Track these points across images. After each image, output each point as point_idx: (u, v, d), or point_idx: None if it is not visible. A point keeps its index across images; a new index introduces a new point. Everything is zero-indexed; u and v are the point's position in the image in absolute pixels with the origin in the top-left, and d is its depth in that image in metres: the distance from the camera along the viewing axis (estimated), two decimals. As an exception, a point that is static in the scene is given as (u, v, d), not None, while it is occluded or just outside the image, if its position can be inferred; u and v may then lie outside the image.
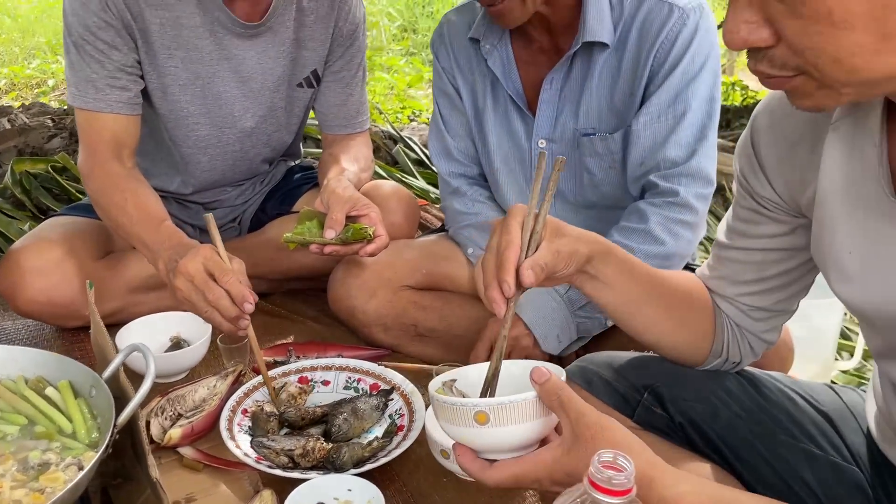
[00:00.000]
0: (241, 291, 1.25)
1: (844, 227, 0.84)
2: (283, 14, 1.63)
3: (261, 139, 1.73)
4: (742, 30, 0.66)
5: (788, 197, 0.94)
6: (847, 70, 0.64)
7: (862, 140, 0.80)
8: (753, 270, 1.02)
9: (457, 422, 0.81)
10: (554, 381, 0.78)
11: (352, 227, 1.43)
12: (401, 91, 4.00)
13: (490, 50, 1.48)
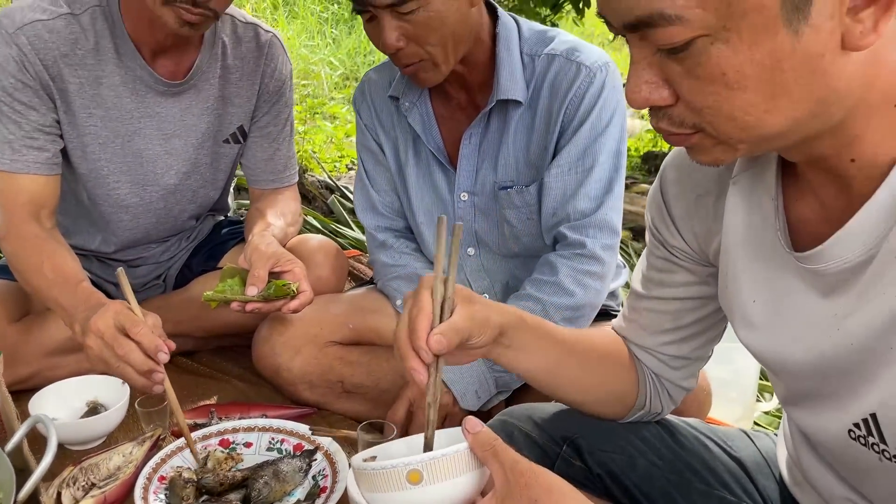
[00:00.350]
0: (152, 341, 1.22)
1: (748, 277, 0.87)
2: (207, 72, 1.63)
3: (185, 196, 1.71)
4: (643, 89, 0.69)
5: (697, 247, 0.97)
6: (741, 127, 0.67)
7: (760, 193, 0.84)
8: (670, 319, 1.04)
9: (386, 487, 0.77)
10: (486, 431, 0.77)
11: (274, 283, 1.41)
12: (339, 140, 4.01)
13: (409, 107, 1.51)
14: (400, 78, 1.51)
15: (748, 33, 0.61)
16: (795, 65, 0.62)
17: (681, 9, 0.61)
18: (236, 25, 1.67)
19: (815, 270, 0.77)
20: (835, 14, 0.61)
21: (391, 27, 1.33)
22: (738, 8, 0.60)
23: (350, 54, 5.95)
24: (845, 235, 0.73)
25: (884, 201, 0.70)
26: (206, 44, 1.62)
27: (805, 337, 0.81)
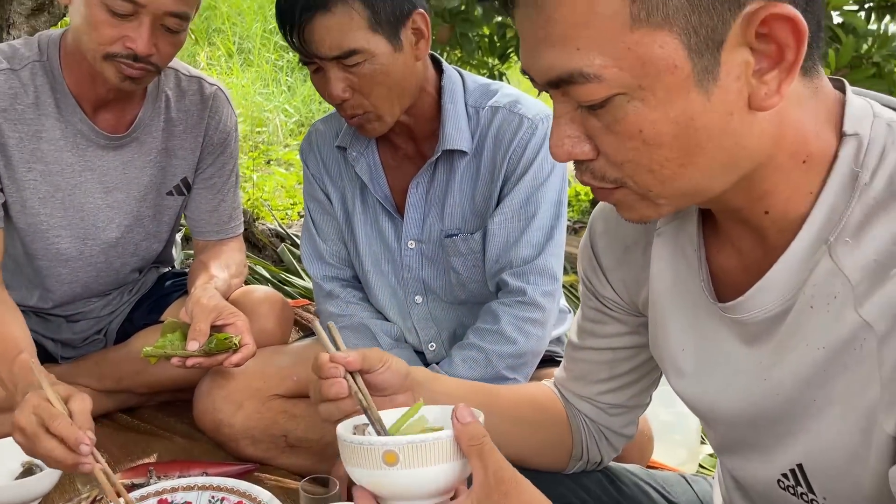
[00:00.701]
0: (72, 434, 1.13)
1: (676, 326, 0.88)
2: (150, 125, 1.63)
3: (127, 249, 1.69)
4: (565, 143, 0.71)
5: (627, 297, 0.99)
6: (660, 181, 0.70)
7: (684, 244, 0.86)
8: (606, 369, 1.06)
9: (363, 463, 0.75)
10: (476, 425, 0.73)
11: (216, 337, 1.40)
12: (291, 187, 4.01)
13: (357, 157, 1.53)
14: (347, 128, 1.53)
15: (662, 92, 0.64)
16: (707, 123, 0.65)
17: (599, 68, 0.64)
18: (180, 79, 1.68)
19: (739, 320, 0.79)
20: (741, 76, 0.65)
21: (337, 79, 1.35)
22: (652, 68, 0.64)
23: (305, 101, 5.97)
24: (764, 286, 0.75)
25: (798, 253, 0.72)
26: (149, 97, 1.63)
27: (733, 386, 0.83)
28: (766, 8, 0.62)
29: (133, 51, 1.39)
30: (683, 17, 0.62)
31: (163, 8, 1.38)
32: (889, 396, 0.67)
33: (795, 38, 0.63)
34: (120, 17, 1.37)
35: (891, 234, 0.68)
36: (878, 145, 0.70)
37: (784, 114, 0.68)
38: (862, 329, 0.69)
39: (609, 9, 0.63)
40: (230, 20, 6.93)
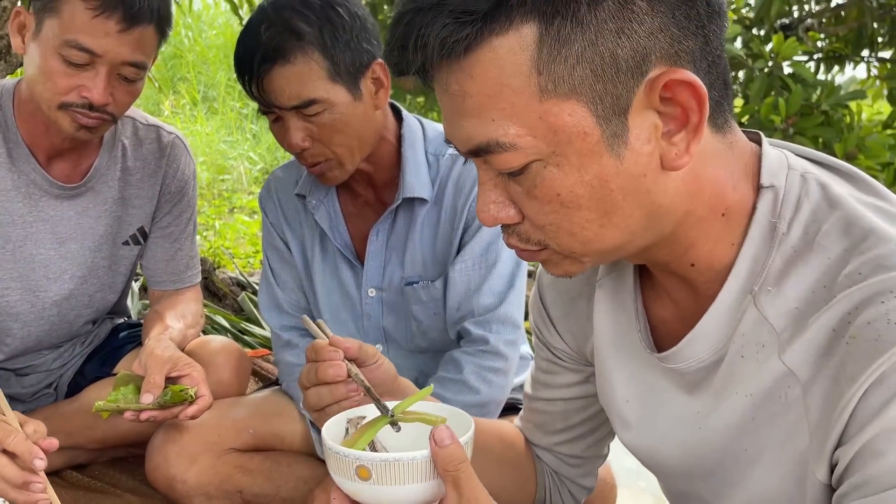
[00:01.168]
0: (26, 448, 1.13)
1: (619, 377, 0.89)
2: (106, 174, 1.61)
3: (81, 301, 1.65)
4: (491, 209, 0.73)
5: (575, 347, 0.99)
6: (581, 242, 0.71)
7: (622, 295, 0.87)
8: (560, 419, 1.05)
9: (338, 471, 0.74)
10: (453, 450, 0.71)
11: (171, 389, 1.36)
12: (253, 235, 3.99)
13: (317, 205, 1.52)
14: (307, 176, 1.53)
15: (575, 158, 0.67)
16: (622, 184, 0.68)
17: (513, 137, 0.67)
18: (137, 127, 1.67)
19: (676, 370, 0.80)
20: (651, 138, 0.67)
21: (297, 128, 1.35)
22: (563, 136, 0.66)
23: (270, 149, 5.98)
24: (696, 336, 0.77)
25: (725, 303, 0.74)
26: (106, 146, 1.61)
27: (673, 435, 0.83)
28: (667, 74, 0.65)
29: (88, 100, 1.38)
30: (589, 87, 0.65)
31: (120, 58, 1.38)
32: (818, 444, 0.68)
33: (697, 102, 0.66)
34: (76, 66, 1.36)
35: (810, 283, 0.69)
36: (793, 196, 0.72)
37: (699, 170, 0.71)
38: (786, 377, 0.70)
39: (517, 81, 0.65)
40: (195, 69, 6.95)
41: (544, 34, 0.63)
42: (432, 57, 0.66)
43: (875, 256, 0.66)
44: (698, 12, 0.66)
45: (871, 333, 0.63)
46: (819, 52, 3.29)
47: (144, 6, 1.38)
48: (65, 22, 1.35)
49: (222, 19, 7.40)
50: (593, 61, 0.64)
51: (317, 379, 0.90)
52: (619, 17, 0.63)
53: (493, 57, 0.65)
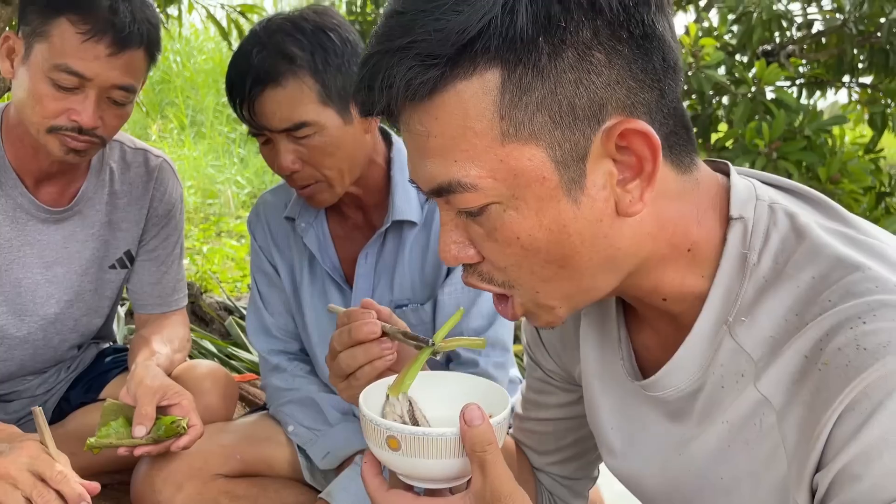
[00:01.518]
0: (74, 490, 1.12)
1: (604, 404, 0.90)
2: (93, 197, 1.61)
3: (67, 325, 1.64)
4: (452, 249, 0.75)
5: (565, 369, 1.00)
6: (542, 282, 0.73)
7: (606, 324, 0.89)
8: (552, 440, 1.06)
9: (372, 439, 0.75)
10: (482, 431, 0.72)
11: (163, 422, 1.34)
12: (241, 259, 3.97)
13: (306, 228, 1.52)
14: (296, 199, 1.53)
15: (534, 201, 0.68)
16: (579, 229, 0.69)
17: (475, 178, 0.68)
18: (125, 151, 1.67)
19: (657, 397, 0.81)
20: (607, 185, 0.69)
21: (287, 150, 1.36)
22: (523, 179, 0.68)
23: (257, 173, 5.98)
24: (675, 365, 0.78)
25: (702, 333, 0.75)
26: (93, 170, 1.61)
27: (655, 462, 0.83)
28: (622, 123, 0.66)
29: (78, 123, 1.38)
30: (548, 133, 0.66)
31: (109, 81, 1.38)
32: (797, 470, 0.68)
33: (650, 151, 0.67)
34: (65, 90, 1.37)
35: (782, 311, 0.71)
36: (761, 227, 0.74)
37: (661, 211, 0.72)
38: (760, 404, 0.71)
39: (480, 125, 0.67)
40: (184, 93, 6.97)
41: (507, 81, 0.65)
42: (397, 98, 0.68)
43: (843, 284, 0.67)
44: (654, 67, 0.68)
45: (841, 359, 0.64)
46: (801, 78, 3.35)
47: (134, 30, 1.38)
48: (54, 46, 1.35)
49: (211, 45, 7.44)
50: (552, 109, 0.66)
51: (350, 340, 0.90)
52: (577, 69, 0.65)
53: (458, 100, 0.67)
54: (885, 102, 3.10)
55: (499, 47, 0.64)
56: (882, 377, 0.62)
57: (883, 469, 0.61)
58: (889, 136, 3.19)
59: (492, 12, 0.63)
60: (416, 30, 0.65)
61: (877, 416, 0.62)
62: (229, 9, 2.98)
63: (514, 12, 0.63)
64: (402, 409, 0.82)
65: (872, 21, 2.84)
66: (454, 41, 0.64)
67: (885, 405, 0.61)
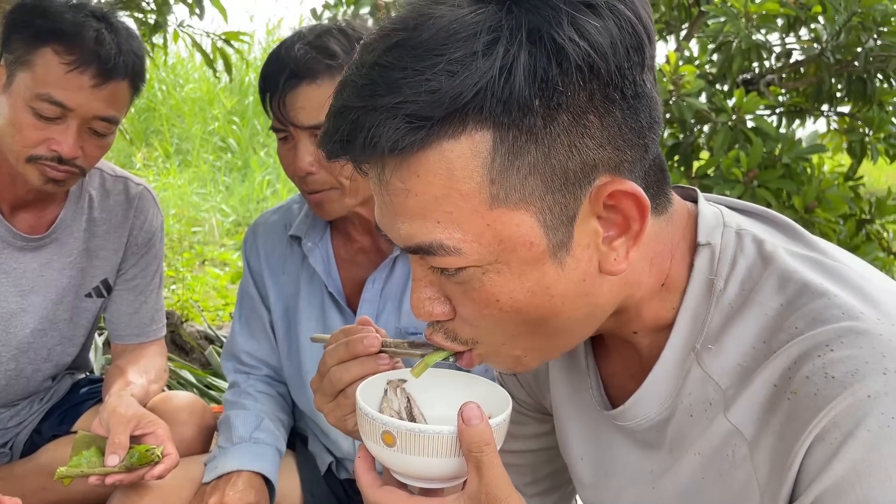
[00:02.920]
0: None
1: (574, 434, 0.89)
2: (71, 225, 1.59)
3: (40, 354, 1.61)
4: (426, 305, 0.73)
5: (537, 400, 0.99)
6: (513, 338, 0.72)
7: (574, 354, 0.88)
8: (528, 472, 1.04)
9: (367, 434, 0.73)
10: (480, 430, 0.69)
11: (137, 450, 1.31)
12: (223, 287, 3.94)
13: (312, 248, 1.51)
14: (303, 218, 1.52)
15: (518, 265, 0.67)
16: (562, 290, 0.68)
17: (458, 241, 0.66)
18: (105, 179, 1.66)
19: (626, 427, 0.80)
20: (591, 244, 0.68)
21: (307, 151, 1.35)
22: (509, 244, 0.66)
23: (243, 201, 5.96)
24: (643, 394, 0.77)
25: (670, 362, 0.75)
26: (72, 197, 1.60)
27: (628, 495, 0.82)
28: (612, 184, 0.66)
29: (58, 153, 1.37)
30: (539, 198, 0.65)
31: (92, 112, 1.38)
32: (770, 502, 0.67)
33: (639, 211, 0.67)
34: (47, 120, 1.36)
35: (749, 339, 0.70)
36: (729, 253, 0.73)
37: (640, 258, 0.71)
38: (732, 435, 0.70)
39: (467, 186, 0.64)
40: (169, 121, 6.97)
41: (499, 143, 0.63)
42: (380, 155, 0.64)
43: (810, 311, 0.67)
44: (641, 125, 0.67)
45: (810, 388, 0.64)
46: (780, 107, 3.38)
47: (119, 62, 1.38)
48: (38, 76, 1.35)
49: (197, 74, 7.46)
50: (545, 173, 0.64)
51: (346, 354, 0.85)
52: (571, 132, 0.63)
53: (443, 160, 0.63)
54: (864, 131, 3.14)
55: (493, 109, 0.61)
56: (851, 406, 0.61)
57: (856, 501, 0.60)
58: (868, 164, 3.22)
59: (488, 75, 0.60)
60: (404, 90, 0.61)
61: (847, 447, 0.61)
62: (214, 37, 2.99)
63: (511, 75, 0.60)
64: (400, 405, 0.81)
65: (850, 50, 2.88)
66: (448, 105, 0.61)
67: (855, 434, 0.61)
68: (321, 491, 1.57)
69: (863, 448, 0.60)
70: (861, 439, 0.61)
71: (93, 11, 1.41)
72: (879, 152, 3.07)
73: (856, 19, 2.70)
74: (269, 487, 1.43)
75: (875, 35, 2.78)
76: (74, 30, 1.35)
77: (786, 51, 3.29)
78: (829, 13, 2.81)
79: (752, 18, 2.80)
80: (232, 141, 6.82)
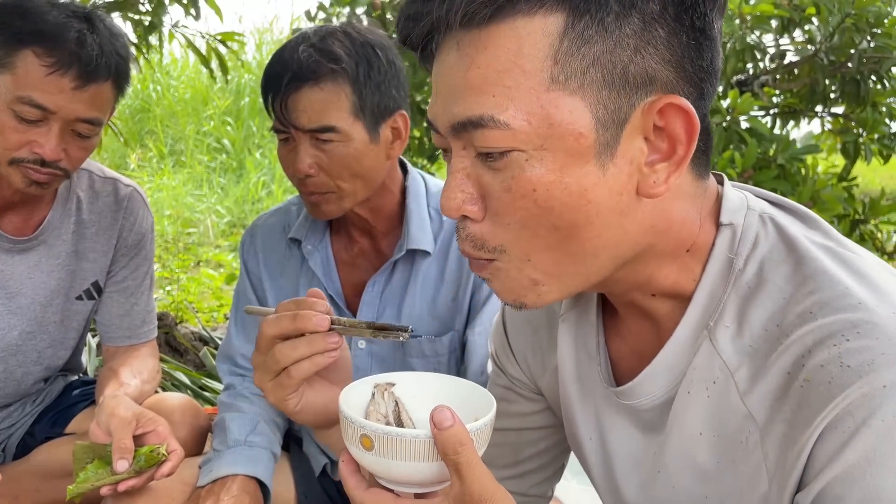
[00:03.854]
0: None
1: (582, 414, 0.88)
2: (59, 227, 1.58)
3: (30, 357, 1.60)
4: (458, 197, 0.71)
5: (531, 377, 0.99)
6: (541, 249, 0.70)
7: (584, 330, 0.87)
8: (510, 453, 1.03)
9: (347, 437, 0.72)
10: (454, 433, 0.67)
11: (141, 452, 1.29)
12: (217, 288, 3.93)
13: (311, 250, 1.51)
14: (302, 221, 1.52)
15: (562, 157, 0.66)
16: (598, 197, 0.67)
17: (509, 117, 0.66)
18: (94, 180, 1.65)
19: (632, 407, 0.80)
20: (634, 161, 0.67)
21: (307, 153, 1.35)
22: (558, 130, 0.66)
23: (237, 202, 5.96)
24: (652, 371, 0.76)
25: (683, 337, 0.74)
26: (60, 198, 1.58)
27: (634, 477, 0.82)
28: (667, 98, 0.66)
29: (40, 156, 1.36)
30: (596, 90, 0.65)
31: (74, 114, 1.37)
32: (778, 489, 0.67)
33: (687, 133, 0.67)
34: (28, 122, 1.35)
35: (763, 320, 0.70)
36: (751, 234, 0.74)
37: (670, 208, 0.71)
38: (746, 420, 0.70)
39: (530, 64, 0.65)
40: (163, 122, 6.95)
41: (569, 28, 0.64)
42: (451, 18, 0.66)
43: (826, 297, 0.67)
44: (702, 65, 0.68)
45: (824, 376, 0.63)
46: (775, 108, 3.39)
47: (101, 63, 1.37)
48: (18, 78, 1.33)
49: (191, 74, 7.44)
50: (606, 67, 0.65)
51: (293, 327, 0.80)
52: (639, 36, 0.65)
53: (513, 35, 0.65)
54: (857, 131, 3.15)
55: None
56: (866, 395, 0.61)
57: (866, 490, 0.60)
58: (862, 165, 3.23)
59: None
60: None
61: (860, 435, 0.61)
62: (209, 37, 2.98)
63: None
64: (388, 409, 0.79)
65: (843, 51, 2.89)
66: None
67: (869, 423, 0.60)
68: (315, 492, 1.56)
69: (876, 437, 0.60)
70: (875, 428, 0.60)
71: (75, 11, 1.39)
72: (873, 153, 3.09)
73: (849, 21, 2.70)
74: (264, 491, 1.42)
75: (868, 36, 2.79)
76: (55, 31, 1.34)
77: (780, 52, 3.30)
78: (822, 14, 2.81)
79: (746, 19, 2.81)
80: (227, 142, 6.81)
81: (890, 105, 3.14)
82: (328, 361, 0.81)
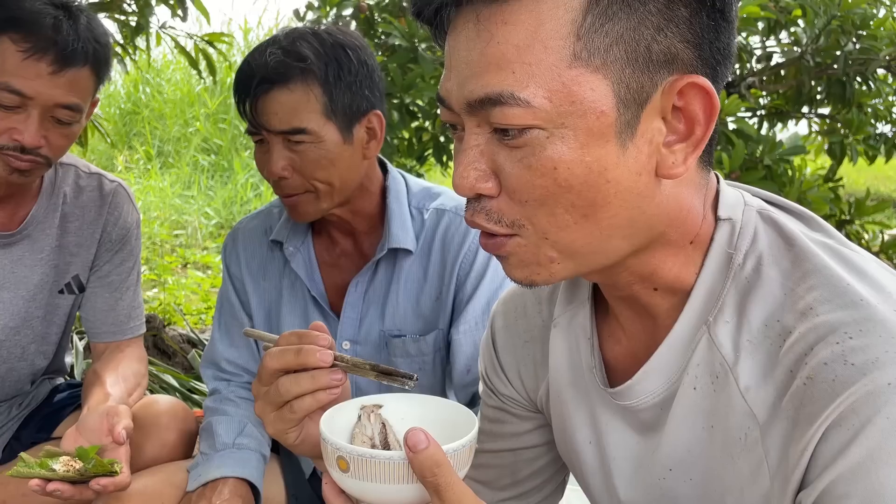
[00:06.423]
0: None
1: (578, 419, 0.87)
2: (44, 221, 1.57)
3: (14, 353, 1.58)
4: (471, 174, 0.69)
5: (525, 394, 0.97)
6: (558, 227, 0.69)
7: (578, 333, 0.86)
8: (507, 474, 1.02)
9: (326, 458, 0.71)
10: (429, 454, 0.66)
11: (97, 459, 1.27)
12: (205, 290, 3.91)
13: (293, 252, 1.50)
14: (284, 223, 1.51)
15: (583, 135, 0.65)
16: (618, 177, 0.67)
17: (530, 94, 0.65)
18: (79, 175, 1.64)
19: (628, 407, 0.79)
20: (653, 141, 0.67)
21: (280, 156, 1.35)
22: (579, 108, 0.65)
23: (225, 204, 5.93)
24: (650, 369, 0.76)
25: (682, 333, 0.74)
26: (44, 193, 1.58)
27: (633, 478, 0.82)
28: (687, 77, 0.66)
29: (20, 143, 1.35)
30: (619, 68, 0.65)
31: (52, 100, 1.36)
32: (780, 487, 0.67)
33: (706, 114, 0.67)
34: (7, 109, 1.34)
35: (763, 316, 0.70)
36: (749, 230, 0.73)
37: (682, 196, 0.71)
38: (746, 416, 0.70)
39: (552, 40, 0.64)
40: (151, 124, 6.92)
41: (593, 4, 0.64)
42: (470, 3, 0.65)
43: (827, 294, 0.67)
44: (720, 48, 0.68)
45: (827, 374, 0.63)
46: (762, 109, 3.41)
47: (78, 48, 1.36)
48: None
49: (179, 75, 7.41)
50: (630, 45, 0.64)
51: (296, 362, 0.79)
52: (662, 15, 0.64)
53: (535, 9, 0.64)
54: (843, 133, 3.17)
55: None
56: (871, 393, 0.61)
57: (871, 487, 0.60)
58: (847, 165, 3.26)
59: None
60: None
61: (865, 433, 0.60)
62: (196, 38, 2.96)
63: None
64: (374, 431, 0.78)
65: (829, 53, 2.91)
66: None
67: (874, 421, 0.60)
68: (305, 494, 1.55)
69: (881, 435, 0.60)
70: (879, 426, 0.60)
71: (52, 1, 1.39)
72: (859, 153, 3.11)
73: (835, 23, 2.72)
74: (255, 493, 1.41)
75: (854, 38, 2.82)
76: (31, 17, 1.34)
77: (766, 54, 3.32)
78: (808, 17, 2.83)
79: (733, 21, 2.82)
80: (216, 142, 6.78)
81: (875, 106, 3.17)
82: (331, 398, 0.80)
